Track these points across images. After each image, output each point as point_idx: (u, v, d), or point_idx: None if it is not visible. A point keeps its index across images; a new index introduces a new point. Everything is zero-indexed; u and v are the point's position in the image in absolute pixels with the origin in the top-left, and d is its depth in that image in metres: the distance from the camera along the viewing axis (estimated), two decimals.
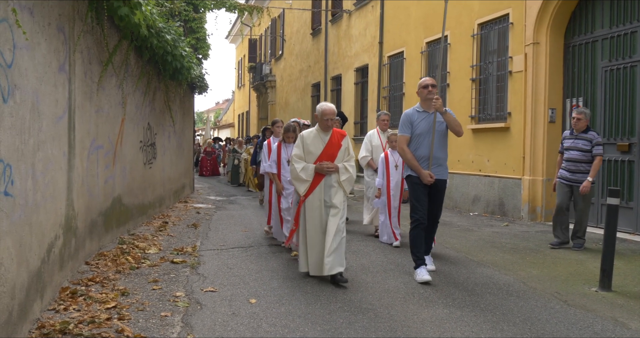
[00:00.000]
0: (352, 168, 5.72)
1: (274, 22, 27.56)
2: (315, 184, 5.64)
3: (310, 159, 5.67)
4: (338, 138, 5.75)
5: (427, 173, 5.67)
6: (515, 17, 10.05)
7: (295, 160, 5.68)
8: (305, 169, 5.63)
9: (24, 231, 3.89)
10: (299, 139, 5.77)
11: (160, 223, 9.25)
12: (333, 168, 5.62)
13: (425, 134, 5.74)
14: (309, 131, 5.80)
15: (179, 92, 12.23)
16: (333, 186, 5.65)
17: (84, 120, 5.78)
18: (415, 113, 5.88)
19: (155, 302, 4.80)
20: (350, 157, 5.77)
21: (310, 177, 5.62)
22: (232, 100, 46.64)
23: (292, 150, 6.49)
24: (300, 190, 5.67)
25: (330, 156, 5.66)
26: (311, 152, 5.67)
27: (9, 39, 3.60)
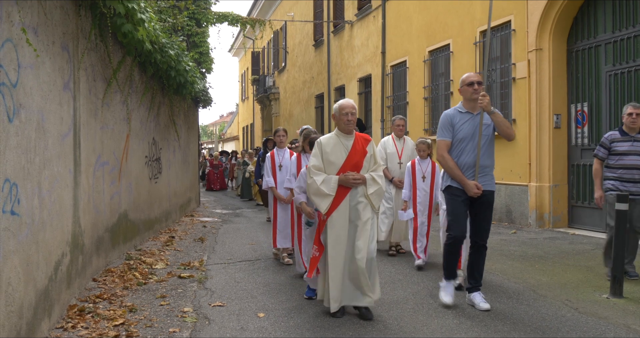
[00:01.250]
0: (381, 178, 4.85)
1: (276, 35, 27.69)
2: (340, 199, 4.74)
3: (331, 170, 4.79)
4: (362, 143, 4.88)
5: (473, 183, 4.88)
6: (518, 24, 10.06)
7: (314, 172, 4.79)
8: (327, 181, 4.73)
9: (31, 249, 3.89)
10: (316, 147, 4.89)
11: (167, 238, 9.25)
12: (360, 179, 4.73)
13: (469, 138, 4.96)
14: (327, 137, 4.91)
15: (183, 107, 12.28)
16: (360, 201, 4.76)
17: (89, 137, 5.80)
18: (457, 114, 5.06)
19: (163, 317, 4.78)
20: (377, 165, 4.91)
21: (333, 191, 4.71)
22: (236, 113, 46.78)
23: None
24: (321, 207, 4.73)
25: (355, 165, 4.79)
26: (332, 162, 4.78)
27: (14, 59, 3.63)
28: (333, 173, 4.79)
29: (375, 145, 4.98)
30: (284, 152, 7.53)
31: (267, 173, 7.40)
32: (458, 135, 5.02)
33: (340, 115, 4.84)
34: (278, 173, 7.39)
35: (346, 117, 4.80)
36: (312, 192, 4.79)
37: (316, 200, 4.78)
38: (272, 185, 7.34)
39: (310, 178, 4.80)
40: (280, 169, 7.40)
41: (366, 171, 4.84)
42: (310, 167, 4.83)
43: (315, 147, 4.89)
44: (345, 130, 4.85)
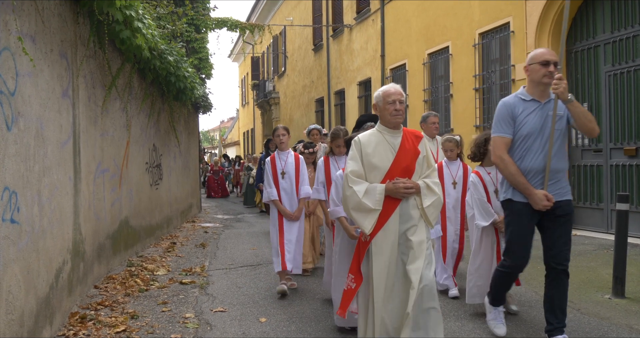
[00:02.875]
0: (437, 186, 3.78)
1: (275, 40, 27.74)
2: (387, 215, 3.68)
3: (374, 177, 3.74)
4: (413, 141, 3.81)
5: (541, 194, 3.85)
6: (516, 25, 10.07)
7: (353, 180, 3.72)
8: (371, 192, 3.67)
9: (31, 257, 3.89)
10: (353, 147, 3.84)
11: (168, 244, 9.24)
12: (412, 187, 3.67)
13: (536, 133, 3.90)
14: (367, 134, 3.89)
15: (183, 113, 12.30)
16: (413, 216, 3.70)
17: (89, 144, 5.81)
18: (520, 103, 3.98)
19: (165, 324, 4.78)
20: (432, 169, 3.83)
21: (380, 204, 3.65)
22: (236, 118, 46.84)
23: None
24: (365, 226, 3.67)
25: (405, 170, 3.72)
26: (375, 166, 3.73)
27: (12, 67, 3.64)
28: (376, 181, 3.72)
29: (427, 144, 3.91)
30: (286, 156, 6.11)
31: (267, 183, 6.06)
32: (522, 131, 3.93)
33: (384, 104, 3.78)
34: (281, 182, 6.03)
35: (393, 107, 3.73)
36: (351, 207, 3.71)
37: (357, 217, 3.69)
38: (274, 197, 5.99)
39: (349, 189, 3.71)
40: (284, 177, 6.02)
41: (418, 177, 3.78)
42: (348, 173, 3.75)
43: (353, 148, 3.84)
44: (392, 124, 3.78)
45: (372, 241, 3.70)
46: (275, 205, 6.00)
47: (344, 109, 19.04)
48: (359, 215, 3.69)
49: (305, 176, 6.10)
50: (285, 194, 6.01)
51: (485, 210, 4.80)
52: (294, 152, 6.27)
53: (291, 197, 6.01)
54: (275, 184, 6.03)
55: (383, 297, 3.65)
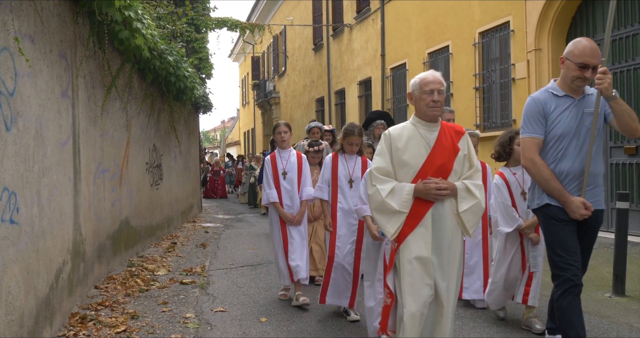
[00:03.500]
0: (479, 190, 3.37)
1: (275, 39, 27.73)
2: (417, 219, 3.30)
3: (404, 176, 3.38)
4: (452, 136, 3.42)
5: (579, 201, 3.44)
6: (516, 24, 10.06)
7: (378, 178, 3.38)
8: (397, 191, 3.32)
9: (31, 258, 3.89)
10: (382, 142, 3.46)
11: (169, 244, 9.25)
12: (447, 189, 3.29)
13: (572, 133, 3.50)
14: (399, 127, 3.50)
15: (183, 113, 12.29)
16: (447, 223, 3.33)
17: (88, 144, 5.81)
18: (551, 98, 3.57)
19: (165, 324, 4.78)
20: (474, 170, 3.42)
21: (407, 207, 3.30)
22: (237, 118, 46.84)
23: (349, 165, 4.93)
24: (388, 230, 3.32)
25: (441, 169, 3.34)
26: (406, 163, 3.36)
27: (11, 68, 3.64)
28: (407, 180, 3.36)
29: (470, 141, 3.52)
30: (288, 155, 5.64)
31: (267, 184, 5.59)
32: (555, 130, 3.53)
33: (420, 94, 3.39)
34: (283, 183, 5.54)
35: (430, 97, 3.33)
36: (374, 207, 3.38)
37: (380, 219, 3.36)
38: (275, 199, 5.50)
39: (372, 187, 3.39)
40: (285, 177, 5.53)
41: (457, 178, 3.38)
42: (372, 170, 3.42)
43: (382, 142, 3.46)
44: (428, 116, 3.37)
45: (400, 249, 3.32)
46: (276, 208, 5.52)
47: (344, 108, 19.04)
48: (382, 217, 3.33)
49: (308, 177, 5.63)
50: (287, 196, 5.53)
51: (509, 215, 4.46)
52: (296, 150, 5.79)
53: (293, 200, 5.53)
54: (276, 185, 5.55)
55: (412, 316, 3.23)
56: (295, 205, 5.53)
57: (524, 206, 4.43)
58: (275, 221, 5.57)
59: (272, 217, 5.63)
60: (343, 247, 4.85)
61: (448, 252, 3.29)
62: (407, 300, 3.24)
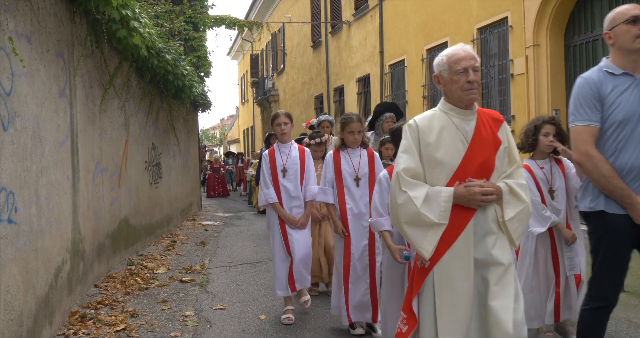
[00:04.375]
0: (524, 190, 2.77)
1: (274, 37, 27.71)
2: (457, 232, 2.68)
3: (438, 177, 2.73)
4: (491, 125, 2.78)
5: None
6: (514, 20, 10.05)
7: (409, 183, 2.71)
8: (433, 198, 2.68)
9: (30, 257, 3.89)
10: (407, 134, 2.78)
11: (169, 242, 9.26)
12: (493, 192, 2.67)
13: (636, 119, 2.88)
14: (427, 116, 2.82)
15: (182, 111, 12.29)
16: (491, 233, 2.71)
17: (87, 143, 5.81)
18: (608, 78, 2.95)
19: (165, 322, 4.79)
20: (517, 166, 2.82)
21: (445, 217, 2.66)
22: (236, 116, 46.82)
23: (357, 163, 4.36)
24: (424, 248, 2.67)
25: (483, 167, 2.72)
26: (440, 162, 2.72)
27: (7, 67, 3.64)
28: (441, 183, 2.71)
29: (509, 131, 2.87)
30: (288, 149, 4.96)
31: (264, 182, 4.92)
32: (614, 115, 2.89)
33: (451, 74, 2.74)
34: (282, 181, 4.86)
35: (464, 77, 2.69)
36: (405, 220, 2.69)
37: (413, 235, 2.68)
38: (273, 199, 4.84)
39: (402, 195, 2.69)
40: (285, 175, 4.88)
41: (497, 177, 2.76)
42: (400, 172, 2.71)
43: (407, 135, 2.78)
44: (464, 102, 2.74)
45: (435, 269, 2.67)
46: (275, 209, 4.85)
47: (343, 105, 19.04)
48: (416, 232, 2.66)
49: (312, 174, 4.99)
50: (287, 196, 4.85)
51: (539, 212, 3.88)
52: (298, 144, 5.11)
53: (294, 200, 4.86)
54: (275, 184, 4.87)
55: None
56: (296, 206, 4.86)
57: (554, 205, 3.93)
58: (274, 224, 4.87)
59: (270, 219, 4.95)
60: (357, 254, 4.26)
61: (496, 266, 2.65)
62: (446, 326, 2.63)
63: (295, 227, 4.81)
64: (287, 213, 4.81)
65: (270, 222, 4.96)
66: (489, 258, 2.67)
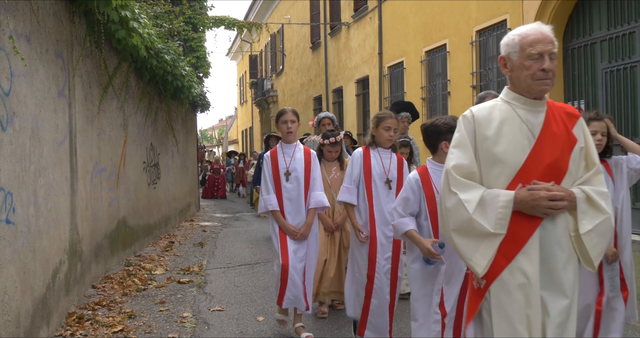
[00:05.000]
0: (604, 199, 2.33)
1: (273, 38, 27.72)
2: (518, 245, 2.26)
3: (496, 177, 2.33)
4: (564, 121, 2.37)
5: None
6: (513, 23, 10.06)
7: (459, 183, 2.33)
8: (488, 203, 2.28)
9: (27, 258, 3.88)
10: (461, 127, 2.41)
11: (167, 243, 9.24)
12: (564, 198, 2.25)
13: None
14: (486, 107, 2.44)
15: (180, 111, 12.28)
16: (561, 248, 2.30)
17: (85, 144, 5.80)
18: None
19: (163, 323, 4.78)
20: (596, 171, 2.38)
21: (504, 226, 2.26)
22: (234, 116, 46.81)
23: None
24: (476, 262, 2.28)
25: (553, 168, 2.30)
26: (500, 159, 2.31)
27: (6, 68, 3.63)
28: (500, 185, 2.30)
29: (587, 130, 2.44)
30: (293, 150, 4.47)
31: (265, 187, 4.44)
32: None
33: (522, 59, 2.32)
34: (285, 186, 4.39)
35: (538, 64, 2.28)
36: (454, 227, 2.30)
37: (464, 245, 2.29)
38: (274, 206, 4.37)
39: (451, 197, 2.31)
40: (288, 178, 4.39)
41: (572, 182, 2.33)
42: (450, 170, 2.33)
43: (461, 127, 2.39)
44: (533, 93, 2.33)
45: (492, 289, 2.25)
46: (275, 218, 4.38)
47: (342, 106, 19.04)
48: (467, 243, 2.26)
49: (318, 178, 4.48)
50: (290, 203, 4.38)
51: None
52: (303, 145, 4.62)
53: (298, 207, 4.39)
54: (277, 189, 4.39)
55: None
56: (300, 215, 4.39)
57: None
58: (276, 232, 4.42)
59: (273, 227, 4.47)
60: (381, 264, 3.90)
61: (559, 302, 2.23)
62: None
63: (295, 239, 4.30)
64: (287, 223, 4.34)
65: (274, 230, 4.47)
66: (554, 282, 2.23)
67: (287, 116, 4.44)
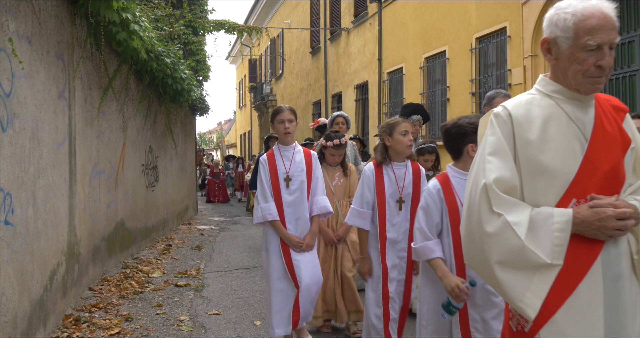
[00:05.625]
0: None
1: (273, 42, 27.77)
2: (578, 276, 1.75)
3: (543, 191, 1.81)
4: (614, 117, 1.91)
5: None
6: (513, 30, 10.10)
7: (502, 201, 1.78)
8: (540, 225, 1.76)
9: (25, 259, 3.88)
10: (496, 128, 1.87)
11: (164, 246, 9.23)
12: (632, 216, 1.74)
13: None
14: (523, 101, 1.90)
15: (180, 115, 12.29)
16: (623, 274, 1.78)
17: (85, 145, 5.80)
18: None
19: (159, 326, 4.77)
20: None
21: (561, 255, 1.74)
22: (233, 120, 46.83)
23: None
24: (527, 302, 1.74)
25: (611, 176, 1.82)
26: (547, 168, 1.80)
27: (7, 68, 3.63)
28: (549, 202, 1.81)
29: (634, 124, 1.98)
30: (292, 153, 4.06)
31: (262, 194, 3.99)
32: None
33: (575, 47, 1.81)
34: (285, 192, 3.98)
35: (594, 58, 1.80)
36: (498, 259, 1.77)
37: (511, 281, 1.77)
38: (273, 216, 3.94)
39: (494, 218, 1.78)
40: (289, 184, 3.98)
41: (623, 193, 1.87)
42: (493, 184, 1.80)
43: (495, 128, 1.88)
44: (581, 89, 1.86)
45: (542, 334, 1.76)
46: (275, 228, 3.95)
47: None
48: (516, 278, 1.73)
49: (321, 182, 4.10)
50: (291, 212, 3.97)
51: None
52: (303, 147, 4.19)
53: (300, 216, 3.98)
54: (276, 196, 3.97)
55: None
56: (303, 224, 3.99)
57: None
58: (274, 245, 3.97)
59: (268, 239, 4.02)
60: (393, 289, 3.56)
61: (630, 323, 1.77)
62: None
63: (300, 250, 3.92)
64: (290, 233, 3.92)
65: (269, 243, 4.01)
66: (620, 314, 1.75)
67: (284, 115, 3.99)
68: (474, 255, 1.82)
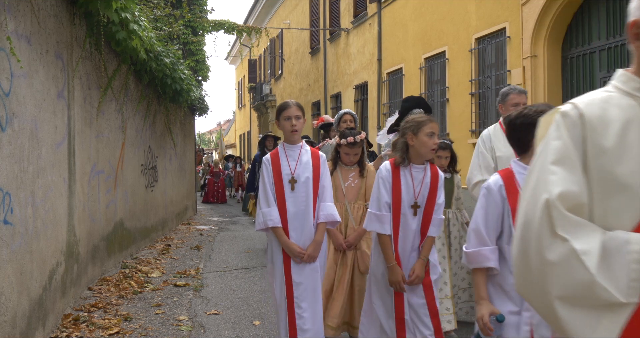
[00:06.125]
0: None
1: (272, 42, 27.77)
2: None
3: (618, 210, 1.37)
4: None
5: None
6: (512, 31, 10.10)
7: (569, 222, 1.35)
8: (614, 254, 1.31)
9: (25, 259, 3.87)
10: (562, 132, 1.44)
11: (163, 246, 9.22)
12: None
13: None
14: (596, 100, 1.47)
15: (179, 115, 12.29)
16: None
17: (84, 145, 5.80)
18: None
19: (159, 326, 4.77)
20: None
21: (637, 292, 1.28)
22: (233, 120, 46.83)
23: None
24: None
25: None
26: (624, 183, 1.37)
27: (6, 68, 3.63)
28: (625, 224, 1.37)
29: None
30: (298, 152, 3.66)
31: (264, 198, 3.58)
32: None
33: None
34: (289, 196, 3.57)
35: None
36: (561, 294, 1.34)
37: (576, 321, 1.34)
38: (276, 223, 3.53)
39: (557, 244, 1.35)
40: (294, 187, 3.58)
41: None
42: (557, 201, 1.36)
43: (561, 131, 1.47)
44: None
45: None
46: (276, 236, 3.54)
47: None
48: (581, 317, 1.37)
49: (328, 187, 3.68)
50: (295, 218, 3.56)
51: None
52: (310, 147, 3.78)
53: (305, 223, 3.57)
54: (279, 200, 3.56)
55: None
56: (307, 232, 3.57)
57: None
58: (276, 252, 3.59)
59: (272, 246, 3.64)
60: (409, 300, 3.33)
61: None
62: None
63: (302, 262, 3.51)
64: (292, 242, 3.51)
65: (272, 250, 3.64)
66: None
67: (291, 111, 3.57)
68: (530, 285, 1.46)
